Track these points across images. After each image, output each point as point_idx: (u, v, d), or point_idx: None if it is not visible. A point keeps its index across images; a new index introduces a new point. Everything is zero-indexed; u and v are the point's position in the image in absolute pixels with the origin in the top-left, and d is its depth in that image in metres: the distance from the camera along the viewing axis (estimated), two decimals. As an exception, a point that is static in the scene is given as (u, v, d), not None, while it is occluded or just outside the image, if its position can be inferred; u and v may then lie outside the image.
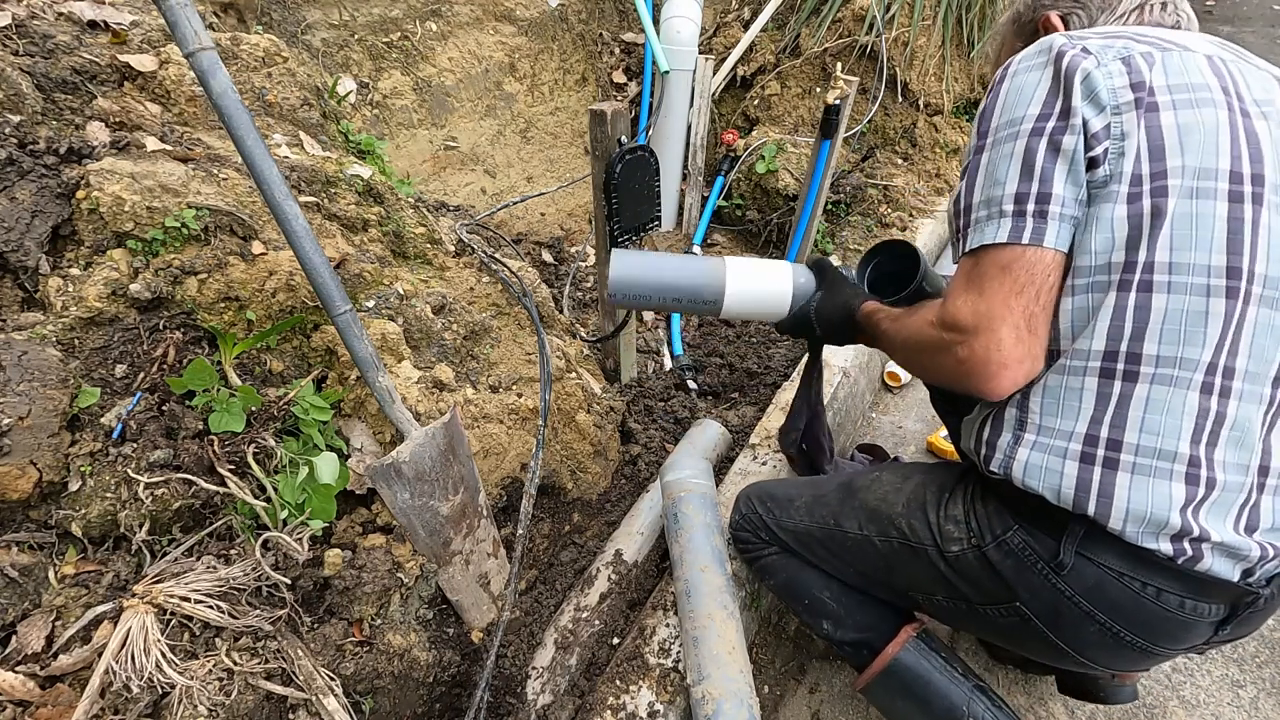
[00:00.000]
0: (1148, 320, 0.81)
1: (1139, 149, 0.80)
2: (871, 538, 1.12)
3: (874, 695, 1.25)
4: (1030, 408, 0.90)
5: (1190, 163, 0.79)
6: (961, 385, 0.87)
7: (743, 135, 3.16)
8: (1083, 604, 0.88)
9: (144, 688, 0.97)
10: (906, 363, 1.05)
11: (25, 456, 1.03)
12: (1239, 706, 1.41)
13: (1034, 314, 0.83)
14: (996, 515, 0.96)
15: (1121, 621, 0.88)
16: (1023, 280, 0.82)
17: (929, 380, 1.06)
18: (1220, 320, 0.79)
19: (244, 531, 1.17)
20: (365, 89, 2.66)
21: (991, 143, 0.88)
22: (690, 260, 1.28)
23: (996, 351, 0.82)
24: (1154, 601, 0.85)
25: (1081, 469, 0.85)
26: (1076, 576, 0.88)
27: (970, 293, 0.85)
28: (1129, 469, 0.83)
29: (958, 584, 1.01)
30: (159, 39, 1.56)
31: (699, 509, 1.45)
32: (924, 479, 1.12)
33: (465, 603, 1.38)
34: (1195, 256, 0.79)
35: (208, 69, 0.95)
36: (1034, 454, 0.89)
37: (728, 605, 1.29)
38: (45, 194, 1.25)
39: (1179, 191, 0.79)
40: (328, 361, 1.37)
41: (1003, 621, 0.99)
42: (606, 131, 1.58)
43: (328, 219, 1.52)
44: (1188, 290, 0.79)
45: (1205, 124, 0.80)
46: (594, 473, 1.73)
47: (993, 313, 0.82)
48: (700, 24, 2.91)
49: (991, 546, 0.95)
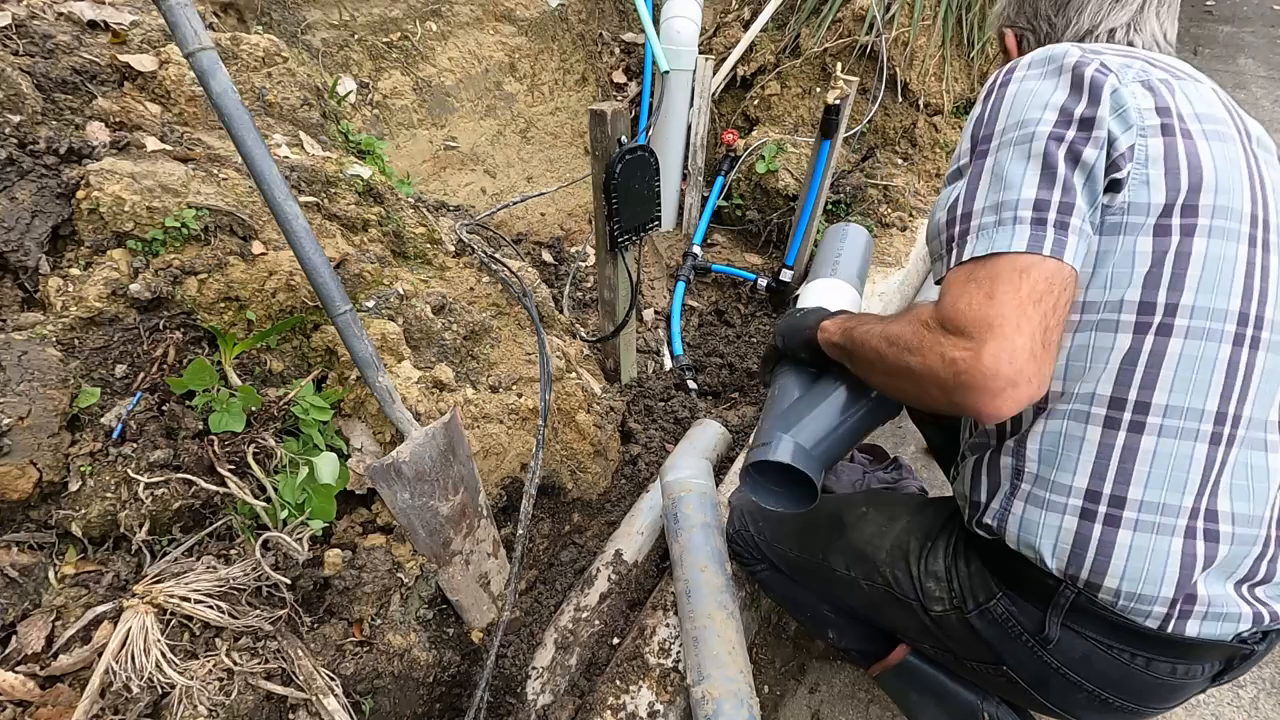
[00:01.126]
0: (1161, 366, 0.75)
1: (1166, 178, 0.74)
2: (858, 580, 1.10)
3: (888, 685, 1.24)
4: (1027, 456, 0.83)
5: (1221, 202, 0.75)
6: (953, 401, 0.74)
7: (743, 135, 3.15)
8: (1070, 675, 0.85)
9: (144, 688, 0.97)
10: (885, 373, 0.87)
11: (25, 456, 1.03)
12: (1239, 706, 1.42)
13: (1050, 328, 0.71)
14: (979, 579, 0.91)
15: (1111, 690, 0.85)
16: (1041, 288, 0.71)
17: (909, 396, 0.88)
18: (1227, 367, 0.76)
19: (244, 531, 1.17)
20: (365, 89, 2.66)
21: (997, 146, 0.78)
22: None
23: (1009, 364, 0.69)
24: (1144, 671, 0.82)
25: (1081, 525, 0.79)
26: (1062, 650, 0.84)
27: (976, 293, 0.72)
28: (1131, 526, 0.78)
29: (943, 639, 0.99)
30: (159, 39, 1.56)
31: (699, 509, 1.45)
32: (908, 523, 1.07)
33: (465, 603, 1.38)
34: (1216, 301, 0.75)
35: (208, 69, 0.95)
36: (1030, 508, 0.83)
37: (728, 605, 1.29)
38: (45, 194, 1.25)
39: (1207, 231, 0.74)
40: (328, 361, 1.37)
41: (991, 677, 0.97)
42: (606, 131, 1.58)
43: (328, 219, 1.52)
44: (1205, 336, 0.75)
45: (1230, 159, 0.76)
46: (594, 473, 1.73)
47: (1006, 317, 0.70)
48: (700, 24, 2.91)
49: (974, 614, 0.91)
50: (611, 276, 1.88)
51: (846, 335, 0.99)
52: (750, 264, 2.98)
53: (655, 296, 2.83)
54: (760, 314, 2.76)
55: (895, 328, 0.85)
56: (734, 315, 2.74)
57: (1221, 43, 5.88)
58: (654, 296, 2.82)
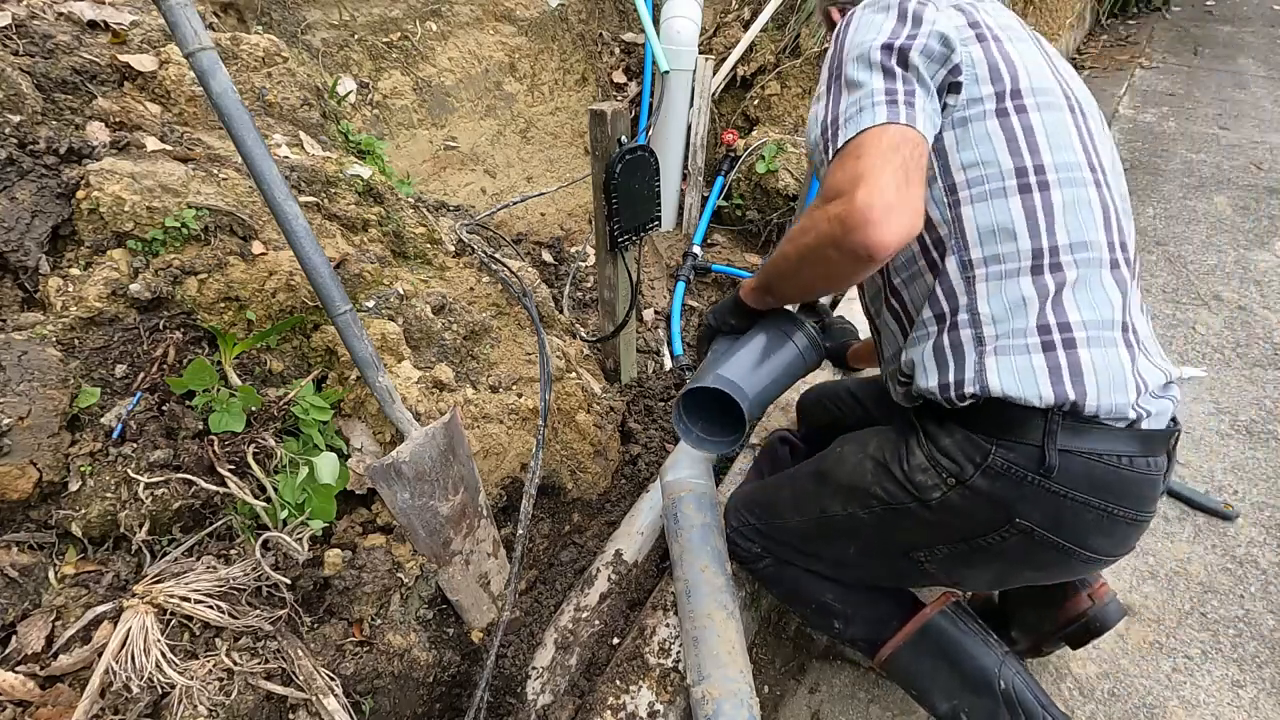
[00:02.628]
0: (1054, 215, 0.92)
1: (991, 73, 0.94)
2: (857, 513, 1.12)
3: (902, 660, 1.23)
4: (982, 318, 0.95)
5: (1038, 84, 0.95)
6: (846, 248, 0.84)
7: (743, 135, 3.16)
8: (1078, 496, 0.92)
9: (144, 688, 0.97)
10: (796, 268, 1.00)
11: (25, 456, 1.03)
12: (1239, 706, 1.42)
13: (910, 170, 0.84)
14: (967, 445, 0.97)
15: (1112, 499, 0.93)
16: (898, 142, 0.85)
17: (821, 279, 0.99)
18: (1100, 205, 0.94)
19: (244, 531, 1.17)
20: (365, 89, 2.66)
21: (847, 61, 0.94)
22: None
23: (880, 197, 0.81)
24: (1130, 470, 0.93)
25: (1049, 358, 0.91)
26: (1064, 475, 0.91)
27: (847, 164, 0.86)
28: (1086, 344, 0.91)
29: (953, 525, 1.02)
30: (159, 39, 1.56)
31: (699, 509, 1.45)
32: (878, 442, 1.13)
33: (465, 603, 1.38)
34: (1069, 156, 0.94)
35: (208, 69, 0.95)
36: (1003, 359, 0.93)
37: (727, 605, 1.29)
38: (45, 194, 1.25)
39: (1037, 106, 0.94)
40: (328, 361, 1.37)
41: (1008, 544, 0.99)
42: (606, 131, 1.58)
43: (328, 219, 1.52)
44: (1074, 184, 0.93)
45: (1032, 55, 0.98)
46: (594, 473, 1.73)
47: (870, 167, 0.83)
48: (700, 24, 2.91)
49: (976, 476, 0.96)
50: (611, 276, 1.88)
51: (760, 272, 1.15)
52: (750, 264, 2.98)
53: (655, 296, 2.83)
54: (760, 314, 2.76)
55: (791, 231, 0.99)
56: (734, 315, 2.74)
57: (1221, 43, 5.88)
58: (654, 296, 2.82)
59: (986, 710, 1.15)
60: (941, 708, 1.19)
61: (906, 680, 1.25)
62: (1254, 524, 1.80)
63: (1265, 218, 3.23)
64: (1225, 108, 4.53)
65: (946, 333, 0.98)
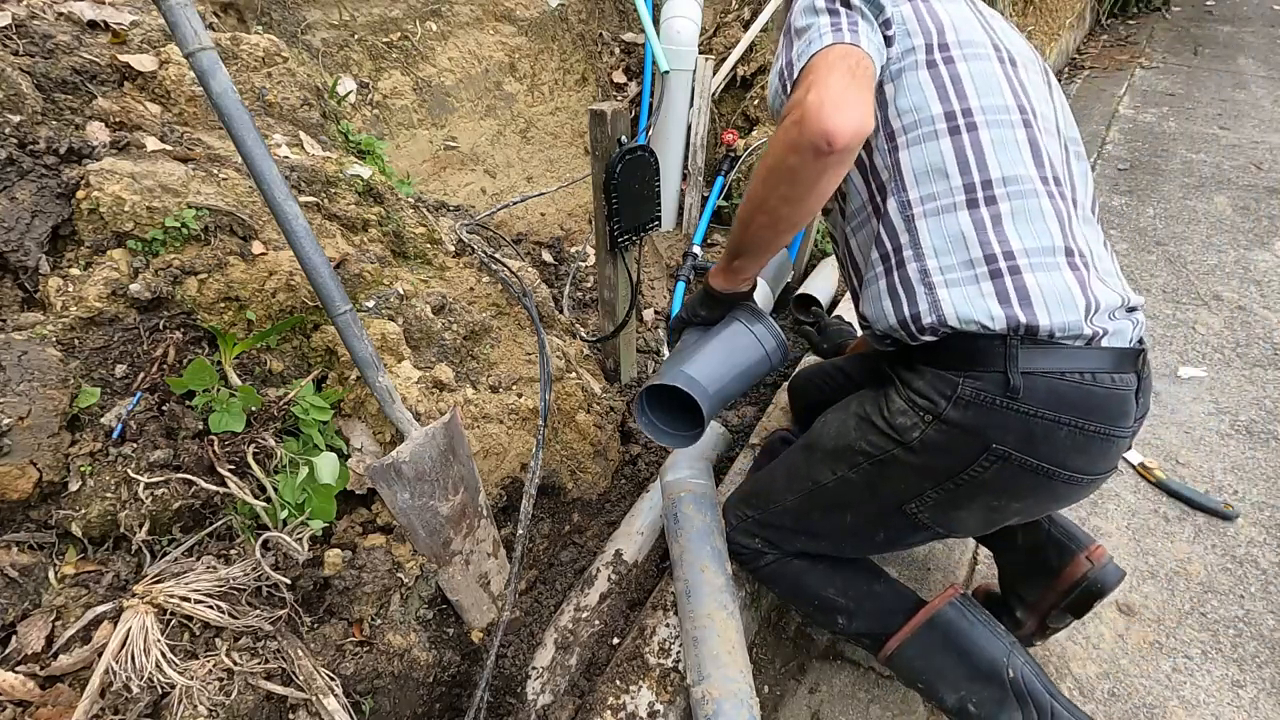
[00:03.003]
0: (983, 152, 0.99)
1: (920, 28, 1.02)
2: (846, 475, 1.15)
3: (908, 653, 1.23)
4: (924, 252, 1.01)
5: (965, 37, 1.03)
6: (807, 146, 0.87)
7: (743, 135, 3.15)
8: (1046, 414, 0.96)
9: (144, 688, 0.97)
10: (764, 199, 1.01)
11: (25, 456, 1.03)
12: (1239, 706, 1.42)
13: (856, 75, 0.91)
14: (936, 381, 1.02)
15: (1079, 415, 0.97)
16: (841, 54, 0.92)
17: (793, 195, 0.98)
18: (1029, 143, 1.00)
19: (244, 531, 1.17)
20: (365, 89, 2.65)
21: (795, 14, 1.01)
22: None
23: (828, 93, 0.87)
24: (1094, 385, 0.97)
25: (996, 285, 0.96)
26: (1031, 393, 0.96)
27: (799, 85, 0.93)
28: (1030, 269, 0.96)
29: (936, 464, 1.05)
30: (159, 39, 1.56)
31: (699, 509, 1.45)
32: (858, 401, 1.17)
33: (465, 603, 1.38)
34: (995, 99, 1.01)
35: (208, 69, 0.95)
36: (954, 290, 0.98)
37: (727, 605, 1.29)
38: (45, 194, 1.24)
39: (963, 58, 1.02)
40: (328, 361, 1.37)
41: (989, 474, 1.02)
42: (606, 131, 1.58)
43: (328, 219, 1.52)
44: (1001, 125, 1.00)
45: (957, 10, 1.06)
46: (594, 473, 1.73)
47: (818, 74, 0.90)
48: (700, 24, 2.90)
49: (949, 409, 1.00)
50: (611, 276, 1.88)
51: (726, 246, 1.17)
52: (750, 264, 2.97)
53: (655, 296, 2.82)
54: (760, 314, 2.76)
55: (759, 165, 1.01)
56: (734, 315, 2.74)
57: (1221, 43, 5.88)
58: (654, 296, 2.82)
59: (995, 700, 1.15)
60: (949, 700, 1.19)
61: (912, 674, 1.25)
62: (1254, 524, 1.80)
63: (1265, 218, 3.23)
64: (1225, 108, 4.53)
65: (895, 270, 1.05)
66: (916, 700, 1.44)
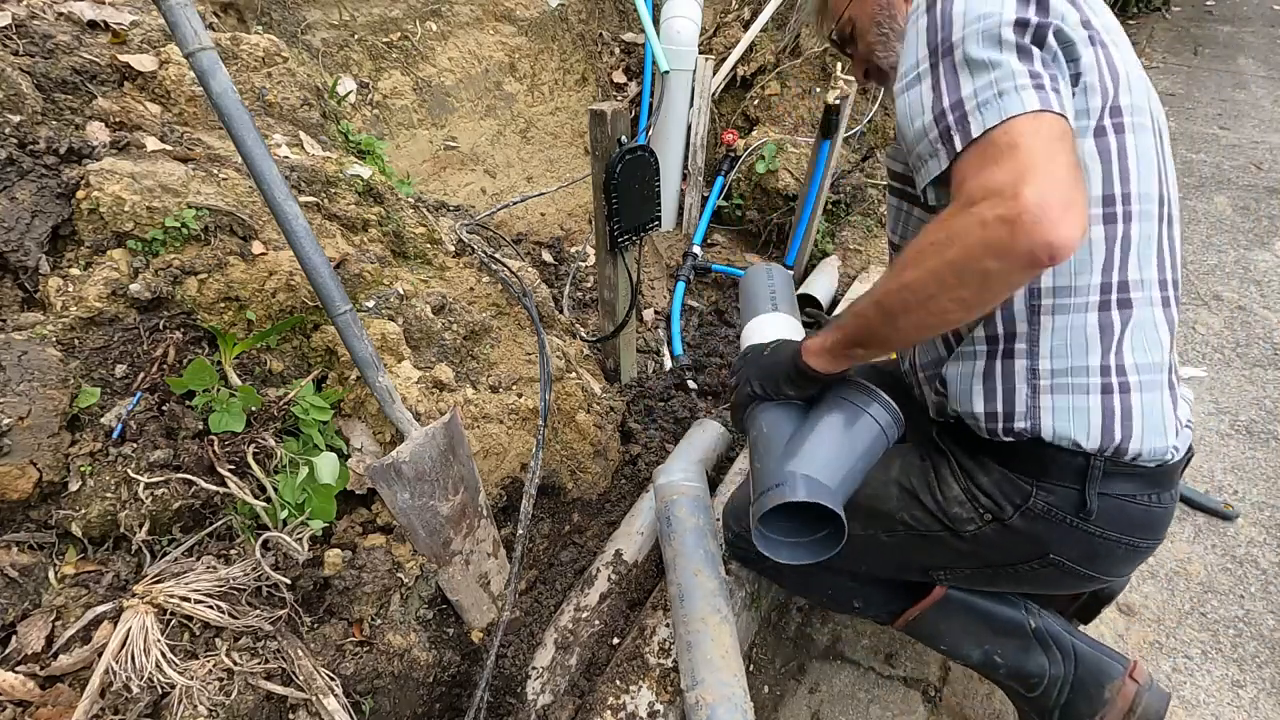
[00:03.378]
0: (1128, 251, 0.87)
1: (1100, 84, 0.83)
2: (877, 534, 1.11)
3: (928, 620, 1.23)
4: (1039, 354, 0.90)
5: (1137, 101, 0.86)
6: (1021, 252, 0.68)
7: (743, 135, 3.15)
8: (1112, 535, 0.94)
9: (144, 688, 0.97)
10: (930, 296, 0.78)
11: (25, 456, 1.03)
12: (1239, 706, 1.41)
13: (1077, 166, 0.71)
14: (1006, 484, 0.96)
15: (1139, 534, 0.95)
16: (1060, 131, 0.72)
17: (972, 292, 0.75)
18: (1161, 241, 0.90)
19: (244, 531, 1.17)
20: (365, 89, 2.65)
21: (962, 40, 0.77)
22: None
23: (1055, 191, 0.66)
24: (1157, 506, 0.94)
25: (1104, 401, 0.89)
26: (1102, 516, 0.92)
27: (999, 158, 0.71)
28: (1138, 388, 0.89)
29: (983, 555, 1.02)
30: (159, 39, 1.56)
31: (691, 512, 1.45)
32: (902, 465, 1.09)
33: (465, 603, 1.38)
34: (1147, 187, 0.87)
35: (208, 69, 0.95)
36: (1059, 398, 0.90)
37: (721, 609, 1.28)
38: (45, 194, 1.24)
39: (1131, 127, 0.85)
40: (328, 361, 1.37)
41: (1036, 572, 1.01)
42: (606, 131, 1.58)
43: (328, 219, 1.52)
44: (1145, 218, 0.87)
45: (1131, 61, 0.87)
46: (594, 473, 1.73)
47: (1037, 154, 0.69)
48: (700, 24, 2.90)
49: (1015, 517, 0.95)
50: (611, 276, 1.88)
51: (842, 329, 0.94)
52: (750, 264, 2.98)
53: (655, 296, 2.82)
54: (760, 314, 2.76)
55: (905, 256, 0.80)
56: (734, 315, 2.74)
57: (1221, 43, 5.88)
58: (654, 296, 2.82)
59: (1019, 648, 1.17)
60: (974, 655, 1.20)
61: (934, 637, 1.25)
62: (1254, 524, 1.79)
63: (1265, 218, 3.23)
64: (1225, 108, 4.53)
65: (999, 359, 0.93)
66: (917, 700, 1.44)
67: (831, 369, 1.01)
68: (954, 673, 1.48)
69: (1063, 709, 1.15)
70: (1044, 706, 1.16)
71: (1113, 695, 1.10)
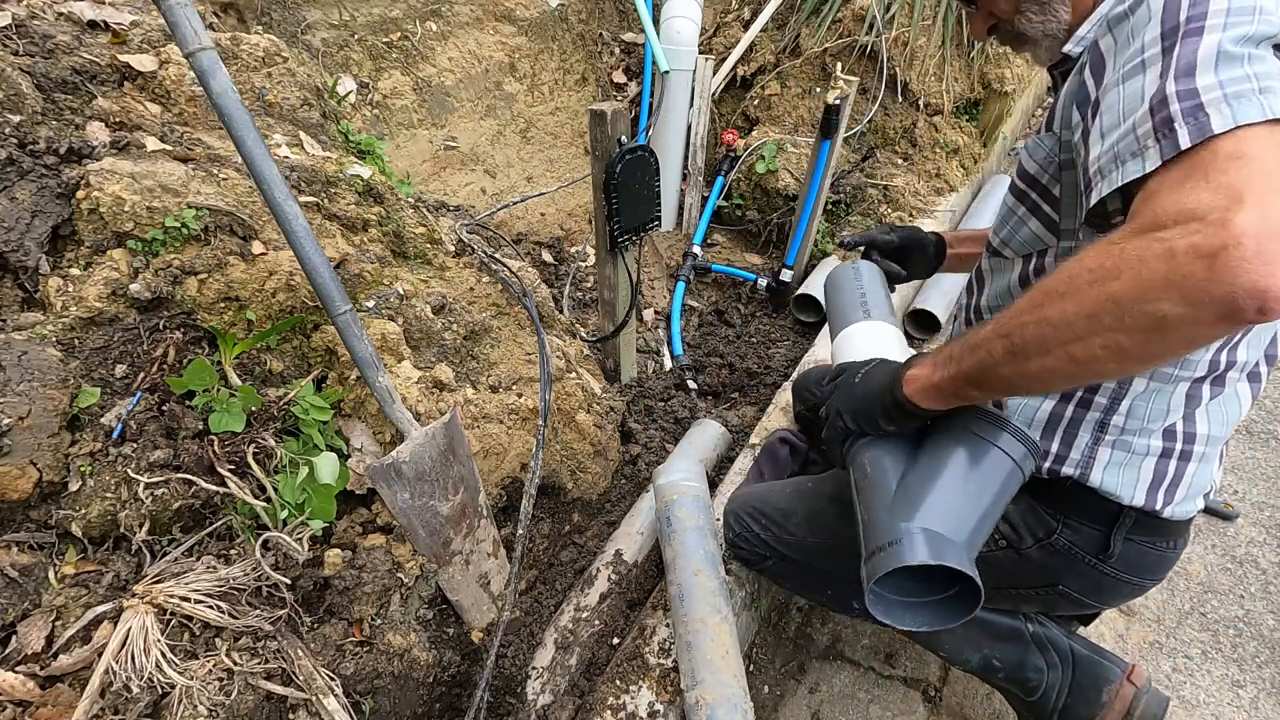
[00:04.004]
0: (1250, 328, 0.81)
1: None
2: None
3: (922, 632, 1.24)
4: (1117, 411, 0.88)
5: None
6: (1217, 296, 0.52)
7: (743, 135, 3.15)
8: (1124, 576, 0.95)
9: (144, 688, 0.97)
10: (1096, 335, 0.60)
11: (25, 456, 1.03)
12: (1239, 706, 1.41)
13: None
14: (1032, 516, 0.96)
15: (1148, 575, 0.98)
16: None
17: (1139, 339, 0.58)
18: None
19: (244, 531, 1.17)
20: (365, 89, 2.65)
21: (1220, 25, 0.62)
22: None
23: (1272, 224, 0.51)
24: (1171, 553, 0.97)
25: (1159, 464, 0.89)
26: (1121, 560, 0.94)
27: (1208, 174, 0.56)
28: (1197, 459, 0.89)
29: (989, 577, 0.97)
30: (159, 39, 1.56)
31: (691, 512, 1.45)
32: None
33: (465, 603, 1.38)
34: None
35: (208, 69, 0.95)
36: (1118, 453, 0.89)
37: (721, 609, 1.28)
38: (45, 194, 1.24)
39: None
40: (328, 361, 1.37)
41: (1039, 597, 1.03)
42: (606, 131, 1.58)
43: (328, 219, 1.52)
44: None
45: None
46: (594, 473, 1.73)
47: (1255, 180, 0.53)
48: (700, 24, 2.90)
49: (1033, 549, 0.96)
50: (611, 276, 1.88)
51: (957, 363, 0.76)
52: (750, 264, 2.98)
53: (655, 296, 2.82)
54: (760, 314, 2.76)
55: (1051, 283, 0.64)
56: (734, 315, 2.74)
57: (1221, 43, 5.87)
58: (654, 296, 2.82)
59: (1017, 653, 1.18)
60: (973, 660, 1.21)
61: (933, 643, 1.26)
62: (1254, 524, 1.79)
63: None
64: (1225, 108, 4.53)
65: (1072, 404, 0.90)
66: (917, 700, 1.44)
67: (940, 407, 0.83)
68: (954, 673, 1.48)
69: (1061, 712, 1.15)
70: (1043, 710, 1.17)
71: (1110, 698, 1.11)
